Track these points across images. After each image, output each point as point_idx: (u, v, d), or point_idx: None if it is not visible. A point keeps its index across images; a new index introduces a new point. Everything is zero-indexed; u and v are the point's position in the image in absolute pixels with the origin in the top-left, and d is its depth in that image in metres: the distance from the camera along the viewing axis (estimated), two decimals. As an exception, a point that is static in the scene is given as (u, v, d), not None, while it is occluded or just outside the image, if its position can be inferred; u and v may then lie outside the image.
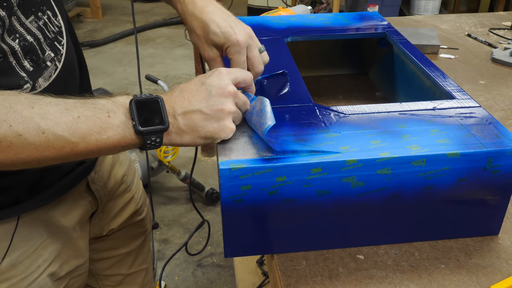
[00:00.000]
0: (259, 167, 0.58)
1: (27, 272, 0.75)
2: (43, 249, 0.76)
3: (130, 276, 1.01)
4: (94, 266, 0.96)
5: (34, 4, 0.65)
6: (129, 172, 0.96)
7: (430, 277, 0.62)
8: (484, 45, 1.38)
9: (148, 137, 0.57)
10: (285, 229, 0.64)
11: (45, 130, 0.53)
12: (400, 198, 0.63)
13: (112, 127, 0.56)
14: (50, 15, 0.69)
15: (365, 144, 0.62)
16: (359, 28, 1.02)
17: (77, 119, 0.55)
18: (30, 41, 0.64)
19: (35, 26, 0.65)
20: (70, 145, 0.55)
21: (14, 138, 0.51)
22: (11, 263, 0.72)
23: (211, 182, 2.30)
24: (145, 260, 1.04)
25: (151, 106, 0.57)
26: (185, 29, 3.29)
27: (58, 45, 0.70)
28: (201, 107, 0.58)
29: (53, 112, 0.54)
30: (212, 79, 0.61)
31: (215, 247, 1.98)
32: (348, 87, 1.10)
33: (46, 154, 0.54)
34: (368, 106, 0.71)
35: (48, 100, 0.55)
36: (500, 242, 0.68)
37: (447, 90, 0.76)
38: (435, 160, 0.60)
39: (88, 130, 0.55)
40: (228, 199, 0.60)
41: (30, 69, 0.64)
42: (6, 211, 0.69)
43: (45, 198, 0.74)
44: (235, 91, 0.61)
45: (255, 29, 1.02)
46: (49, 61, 0.67)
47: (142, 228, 1.01)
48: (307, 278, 0.62)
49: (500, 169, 0.62)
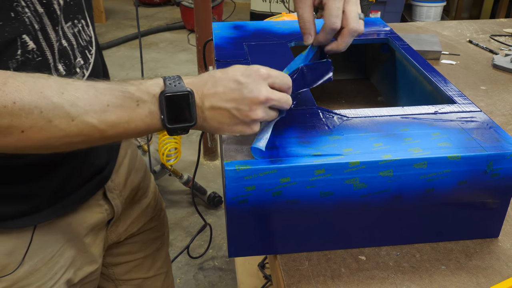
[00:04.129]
0: (264, 168, 0.59)
1: (44, 279, 0.74)
2: (59, 256, 0.76)
3: (149, 280, 1.00)
4: (113, 270, 0.95)
5: (72, 11, 0.67)
6: (145, 178, 0.96)
7: (431, 278, 0.63)
8: (485, 51, 1.39)
9: (175, 131, 0.57)
10: (288, 229, 0.65)
11: (75, 117, 0.53)
12: (401, 200, 0.64)
13: (140, 117, 0.56)
14: (84, 24, 0.71)
15: (368, 147, 0.63)
16: (362, 33, 1.03)
17: (106, 108, 0.54)
18: (64, 46, 0.65)
19: (71, 32, 0.67)
20: (99, 132, 0.55)
21: (45, 124, 0.52)
22: (29, 270, 0.72)
23: (213, 185, 2.31)
24: (164, 264, 1.04)
25: (181, 103, 0.56)
26: (188, 34, 3.26)
27: (88, 54, 0.71)
28: (230, 108, 0.57)
29: (82, 99, 0.53)
30: (248, 80, 0.57)
31: (217, 251, 1.98)
32: (351, 92, 1.11)
33: (76, 140, 0.55)
34: (371, 109, 0.72)
35: (78, 85, 0.54)
36: (500, 245, 0.69)
37: (449, 95, 0.77)
38: (437, 163, 0.61)
39: (117, 119, 0.55)
40: (233, 199, 0.61)
41: (62, 73, 0.65)
42: (24, 219, 0.69)
43: (63, 206, 0.73)
44: (267, 98, 0.58)
45: (259, 34, 1.04)
46: (79, 68, 0.68)
47: (159, 232, 1.01)
48: (309, 278, 0.63)
49: (500, 172, 0.63)
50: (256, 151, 0.60)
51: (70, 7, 0.66)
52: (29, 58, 0.60)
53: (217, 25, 1.06)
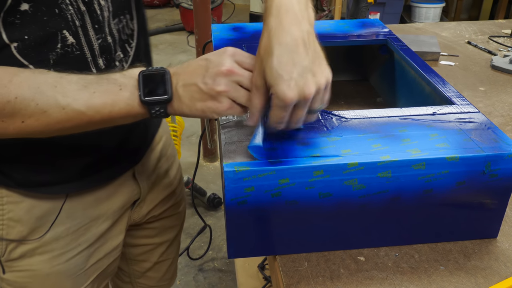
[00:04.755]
0: (263, 169, 0.59)
1: (67, 248, 0.81)
2: (86, 229, 0.82)
3: (158, 264, 1.07)
4: (130, 250, 1.02)
5: (121, 7, 0.72)
6: (173, 167, 1.01)
7: (430, 279, 0.63)
8: (484, 52, 1.40)
9: (152, 107, 0.60)
10: (287, 230, 0.65)
11: (65, 106, 0.59)
12: (400, 201, 0.64)
13: (123, 99, 0.60)
14: (128, 18, 0.75)
15: (366, 148, 0.63)
16: (361, 35, 1.04)
17: (93, 95, 0.60)
18: (109, 42, 0.70)
19: (116, 28, 0.72)
20: (87, 118, 0.61)
21: (41, 114, 0.59)
22: (55, 236, 0.79)
23: (212, 187, 2.31)
24: (173, 251, 1.10)
25: (157, 78, 0.60)
26: (187, 36, 3.26)
27: (128, 47, 0.75)
28: (197, 81, 0.59)
29: (72, 90, 0.60)
30: (215, 57, 0.60)
31: (217, 252, 1.98)
32: (350, 93, 1.12)
33: (67, 125, 0.61)
34: (369, 111, 0.72)
35: (70, 78, 0.61)
36: (499, 245, 0.69)
37: (447, 96, 0.77)
38: (435, 164, 0.62)
39: (102, 104, 0.60)
40: (232, 200, 0.61)
41: (102, 67, 0.71)
42: (57, 187, 0.77)
43: (93, 181, 0.80)
44: (229, 70, 0.58)
45: (258, 36, 1.04)
46: (118, 61, 0.73)
47: (178, 221, 1.08)
48: (308, 279, 0.63)
49: (498, 173, 0.64)
50: (254, 150, 0.61)
51: (119, 3, 0.71)
52: (68, 51, 0.66)
53: (216, 27, 1.06)
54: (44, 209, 0.77)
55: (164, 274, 1.10)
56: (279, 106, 0.57)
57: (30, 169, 0.74)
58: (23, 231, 0.77)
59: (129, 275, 1.07)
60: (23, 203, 0.76)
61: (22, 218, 0.76)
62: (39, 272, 0.80)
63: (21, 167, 0.74)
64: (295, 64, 0.56)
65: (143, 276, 1.07)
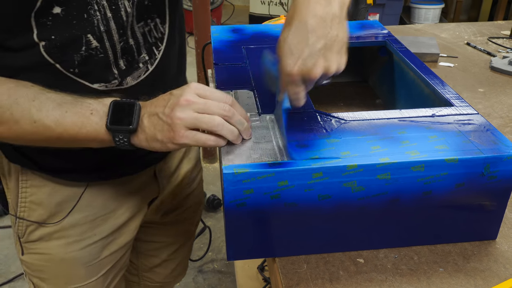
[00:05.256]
0: (262, 171, 0.59)
1: (84, 236, 0.84)
2: (103, 220, 0.84)
3: (166, 262, 1.10)
4: (141, 245, 1.05)
5: (148, 11, 0.73)
6: (195, 170, 1.03)
7: (429, 281, 0.63)
8: (483, 53, 1.40)
9: (116, 135, 0.63)
10: (286, 232, 0.65)
11: (37, 120, 0.63)
12: (399, 203, 0.64)
13: (91, 123, 0.63)
14: (158, 22, 0.76)
15: (366, 150, 0.63)
16: (360, 36, 1.04)
17: (65, 114, 0.63)
18: (130, 44, 0.72)
19: (141, 31, 0.73)
20: (55, 134, 0.64)
21: (13, 124, 0.63)
22: (72, 223, 0.82)
23: (212, 188, 2.31)
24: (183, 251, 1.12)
25: (126, 109, 0.63)
26: (187, 37, 3.26)
27: (155, 50, 0.77)
28: (158, 112, 0.62)
29: (47, 106, 0.63)
30: (178, 90, 0.63)
31: (216, 253, 1.98)
32: (349, 95, 1.12)
33: (37, 138, 0.64)
34: (368, 112, 0.72)
35: (49, 95, 0.64)
36: (498, 247, 0.69)
37: (446, 97, 0.77)
38: (434, 166, 0.62)
39: (71, 124, 0.63)
40: (231, 202, 0.61)
41: (123, 68, 0.73)
42: (76, 175, 0.80)
43: (113, 173, 0.82)
44: (188, 100, 0.60)
45: (257, 37, 1.04)
46: (142, 63, 0.75)
47: (192, 224, 1.10)
48: (308, 281, 0.63)
49: (497, 175, 0.64)
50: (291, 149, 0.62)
51: (146, 8, 0.73)
52: (92, 54, 0.69)
53: (215, 29, 1.06)
54: (64, 195, 0.80)
55: (172, 272, 1.12)
56: (287, 81, 0.59)
57: (53, 156, 0.77)
58: (43, 215, 0.80)
59: (137, 267, 1.09)
60: (45, 188, 0.79)
61: (43, 201, 0.80)
62: (54, 257, 0.84)
63: (46, 153, 0.75)
64: (308, 45, 0.56)
65: (151, 271, 1.09)
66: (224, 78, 0.83)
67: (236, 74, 0.84)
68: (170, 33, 0.79)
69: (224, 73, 0.85)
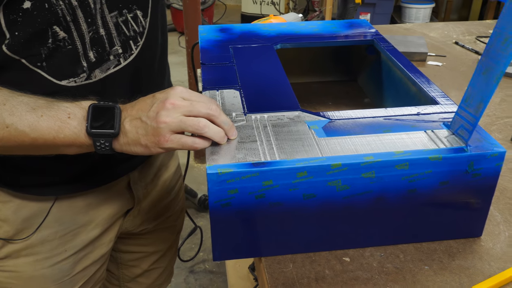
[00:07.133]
0: (246, 171, 0.59)
1: (54, 252, 0.80)
2: (74, 235, 0.81)
3: (149, 272, 1.06)
4: (121, 255, 1.01)
5: (124, 1, 0.70)
6: (174, 178, 0.99)
7: (414, 279, 0.63)
8: (471, 52, 1.41)
9: (97, 139, 0.61)
10: (272, 232, 0.65)
11: (9, 125, 0.59)
12: (384, 201, 0.64)
13: (69, 127, 0.61)
14: (139, 15, 0.73)
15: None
16: (348, 35, 1.04)
17: (40, 118, 0.60)
18: (101, 34, 0.69)
19: (114, 21, 0.70)
20: (29, 140, 0.60)
21: None
22: (41, 239, 0.78)
23: (203, 188, 2.31)
24: (166, 259, 1.08)
25: (106, 112, 0.61)
26: (179, 36, 3.28)
27: (132, 44, 0.73)
28: (141, 116, 0.60)
29: (20, 110, 0.59)
30: (162, 94, 0.62)
31: (208, 254, 1.98)
32: (338, 93, 1.12)
33: (9, 144, 0.61)
34: (354, 111, 0.72)
35: (21, 98, 0.60)
36: (483, 244, 0.69)
37: (432, 96, 0.77)
38: (418, 164, 0.62)
39: (48, 128, 0.60)
40: (216, 203, 0.61)
41: (92, 60, 0.69)
42: (44, 189, 0.76)
43: (83, 186, 0.79)
44: (173, 103, 0.60)
45: (245, 36, 1.04)
46: (113, 56, 0.72)
47: (173, 233, 1.06)
48: (294, 281, 0.63)
49: (481, 172, 0.64)
50: None
51: None
52: (60, 45, 0.65)
53: (203, 28, 1.06)
54: (31, 211, 0.76)
55: (155, 281, 1.08)
56: None
57: (19, 170, 0.74)
58: (9, 231, 0.77)
59: (118, 278, 1.05)
60: (10, 203, 0.76)
61: (9, 218, 0.76)
62: (23, 274, 0.80)
63: (10, 168, 0.73)
64: None
65: (133, 281, 1.05)
66: (211, 77, 0.82)
67: (223, 74, 0.84)
68: (151, 28, 0.76)
69: (211, 72, 0.84)
